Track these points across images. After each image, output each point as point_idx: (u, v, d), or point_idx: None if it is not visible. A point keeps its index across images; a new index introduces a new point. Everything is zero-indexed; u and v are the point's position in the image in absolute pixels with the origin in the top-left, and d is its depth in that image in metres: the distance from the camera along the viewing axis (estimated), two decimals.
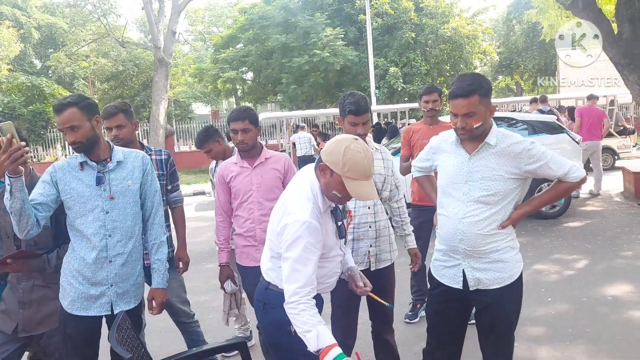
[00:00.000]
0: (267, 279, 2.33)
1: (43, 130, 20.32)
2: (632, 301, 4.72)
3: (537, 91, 31.36)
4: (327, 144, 2.22)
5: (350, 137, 2.17)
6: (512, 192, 2.50)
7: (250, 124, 3.19)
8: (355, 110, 2.91)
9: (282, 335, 2.25)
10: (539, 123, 8.31)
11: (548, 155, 2.47)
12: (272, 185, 3.23)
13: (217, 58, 25.79)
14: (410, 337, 4.23)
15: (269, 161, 3.28)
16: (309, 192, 2.21)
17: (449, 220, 2.58)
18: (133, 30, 42.61)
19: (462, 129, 2.45)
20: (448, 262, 2.64)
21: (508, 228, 2.53)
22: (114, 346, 2.08)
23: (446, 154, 2.65)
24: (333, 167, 2.11)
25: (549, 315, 4.50)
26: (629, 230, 7.22)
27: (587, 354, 3.76)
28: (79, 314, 2.59)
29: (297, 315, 2.05)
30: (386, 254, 3.13)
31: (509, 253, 2.54)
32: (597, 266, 5.79)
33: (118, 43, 28.37)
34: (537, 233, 7.33)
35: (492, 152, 2.48)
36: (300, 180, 2.31)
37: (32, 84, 21.02)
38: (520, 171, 2.47)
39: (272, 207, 2.96)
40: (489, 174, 2.47)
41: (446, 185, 2.61)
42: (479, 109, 2.40)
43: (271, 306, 2.25)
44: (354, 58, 22.96)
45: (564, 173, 2.48)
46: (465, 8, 26.67)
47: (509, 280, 2.54)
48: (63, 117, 2.52)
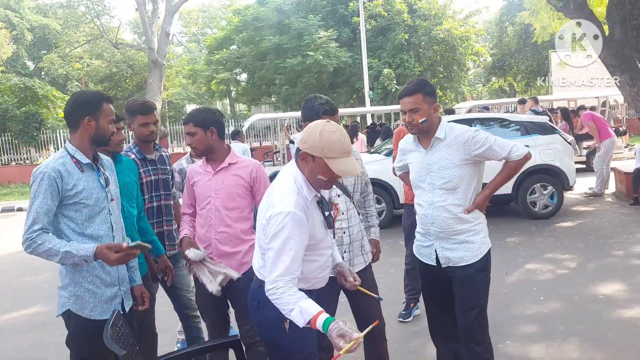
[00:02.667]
0: (260, 277, 2.34)
1: (36, 132, 20.19)
2: (624, 299, 4.76)
3: (530, 92, 31.52)
4: (301, 133, 2.28)
5: (322, 121, 2.28)
6: (467, 176, 2.84)
7: (196, 127, 2.96)
8: (330, 110, 2.95)
9: (277, 332, 2.27)
10: (531, 124, 8.37)
11: (491, 139, 2.82)
12: (233, 192, 2.98)
13: (211, 59, 25.77)
14: (403, 336, 4.25)
15: (233, 167, 3.02)
16: (292, 184, 2.25)
17: (421, 207, 2.98)
18: (127, 32, 42.51)
19: (409, 123, 2.84)
20: (424, 243, 3.02)
21: (474, 212, 2.87)
22: (109, 344, 2.08)
23: (410, 153, 3.04)
24: (313, 152, 2.19)
25: (541, 314, 4.53)
26: (621, 229, 7.28)
27: (579, 351, 3.79)
28: (102, 318, 2.51)
29: (279, 299, 2.12)
30: (359, 257, 3.11)
31: (476, 236, 2.88)
32: (589, 265, 5.83)
33: (112, 44, 28.28)
34: (530, 233, 7.37)
35: (443, 145, 2.85)
36: (284, 174, 2.35)
37: (25, 85, 20.87)
38: (470, 157, 2.81)
39: (232, 216, 2.95)
40: (444, 164, 2.83)
41: (415, 179, 3.00)
42: (422, 106, 2.79)
43: (265, 302, 2.26)
44: (347, 59, 22.98)
45: (507, 153, 2.83)
46: (458, 10, 26.76)
47: (474, 259, 2.87)
48: None
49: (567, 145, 8.31)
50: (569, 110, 13.15)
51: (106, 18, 33.52)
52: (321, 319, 2.06)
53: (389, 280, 5.46)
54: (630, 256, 6.04)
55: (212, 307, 3.12)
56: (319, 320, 2.06)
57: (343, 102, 24.63)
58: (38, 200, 2.36)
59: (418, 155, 2.95)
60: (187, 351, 2.78)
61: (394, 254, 6.41)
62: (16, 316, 5.42)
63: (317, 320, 2.06)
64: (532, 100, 11.42)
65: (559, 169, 8.15)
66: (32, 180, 2.40)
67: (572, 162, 8.42)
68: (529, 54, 30.27)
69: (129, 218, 2.95)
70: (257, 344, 3.06)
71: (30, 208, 2.37)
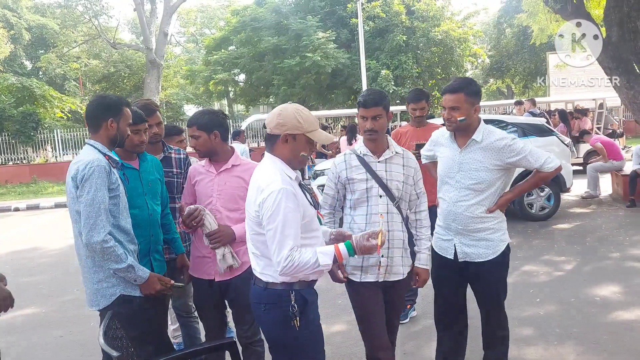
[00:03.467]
0: (265, 279, 2.33)
1: (33, 131, 20.17)
2: (620, 302, 4.76)
3: (528, 94, 31.56)
4: (269, 120, 2.35)
5: (287, 104, 2.39)
6: (496, 180, 2.94)
7: (199, 130, 2.98)
8: (363, 102, 2.84)
9: (287, 332, 2.27)
10: (528, 126, 8.38)
11: (527, 149, 2.91)
12: (234, 194, 2.98)
13: (209, 60, 25.72)
14: (400, 337, 4.22)
15: (236, 169, 3.03)
16: (273, 168, 2.31)
17: (444, 202, 3.06)
18: (125, 32, 42.45)
19: (447, 120, 2.91)
20: (444, 237, 3.11)
21: (496, 212, 2.97)
22: (102, 345, 2.07)
23: (443, 147, 3.11)
24: (294, 131, 2.30)
25: (537, 316, 4.54)
26: (617, 232, 7.29)
27: (575, 353, 3.79)
28: None
29: (297, 265, 2.16)
30: (398, 267, 2.88)
31: (495, 234, 2.99)
32: (585, 267, 5.84)
33: (109, 44, 28.22)
34: (527, 234, 7.38)
35: (478, 147, 2.92)
36: (261, 166, 2.40)
37: (22, 85, 20.83)
38: (503, 163, 2.91)
39: (232, 217, 2.95)
40: (476, 166, 2.91)
41: (443, 174, 3.07)
42: (463, 105, 2.86)
43: (272, 304, 2.27)
44: (345, 61, 22.98)
45: (541, 164, 2.93)
46: (456, 11, 26.77)
47: (492, 256, 2.99)
48: None
49: (564, 148, 8.32)
50: (566, 112, 13.18)
51: (104, 18, 33.46)
52: (342, 247, 2.23)
53: None
54: (627, 258, 6.04)
55: (211, 308, 3.12)
56: (340, 249, 2.22)
57: (341, 103, 24.65)
58: (100, 193, 2.48)
59: (451, 152, 3.02)
60: (182, 353, 2.77)
61: None
62: (12, 316, 5.40)
63: (340, 250, 2.22)
64: (530, 102, 11.45)
65: None
66: (81, 176, 2.48)
67: (570, 165, 8.44)
68: (526, 56, 30.29)
69: (152, 215, 3.00)
70: (255, 344, 3.07)
71: (93, 202, 2.45)
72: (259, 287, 2.37)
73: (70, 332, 4.88)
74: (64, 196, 15.48)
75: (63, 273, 6.96)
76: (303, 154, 2.35)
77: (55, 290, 6.29)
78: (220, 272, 2.95)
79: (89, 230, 2.43)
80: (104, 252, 2.45)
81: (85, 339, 4.63)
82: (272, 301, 2.27)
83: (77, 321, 5.15)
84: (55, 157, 21.18)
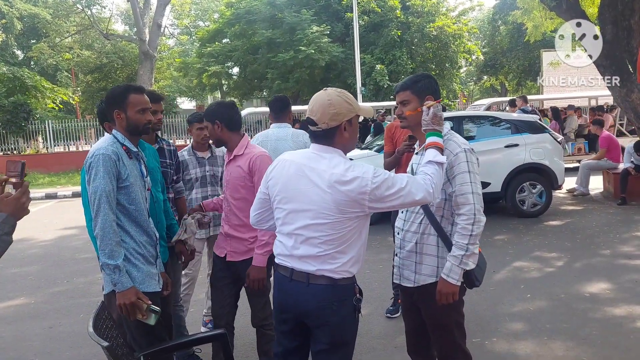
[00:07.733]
0: (335, 275, 2.13)
1: (24, 122, 19.98)
2: (609, 298, 4.79)
3: (521, 92, 31.62)
4: (320, 115, 2.15)
5: (324, 92, 2.20)
6: None
7: (206, 121, 3.14)
8: (393, 88, 2.80)
9: (352, 328, 2.22)
10: (521, 122, 8.40)
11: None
12: (236, 184, 3.05)
13: (203, 52, 25.64)
14: (390, 331, 4.26)
15: (238, 159, 3.07)
16: (343, 159, 2.18)
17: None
18: (118, 23, 42.19)
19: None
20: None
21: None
22: (92, 335, 2.06)
23: None
24: (350, 114, 2.18)
25: (528, 311, 4.56)
26: (608, 229, 7.33)
27: (565, 348, 3.82)
28: (156, 290, 2.67)
29: (432, 179, 2.17)
30: (409, 272, 2.57)
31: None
32: (575, 264, 5.87)
33: (102, 35, 28.04)
34: (518, 231, 7.40)
35: None
36: (325, 166, 2.14)
37: (13, 75, 20.64)
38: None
39: (239, 206, 3.05)
40: None
41: None
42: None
43: (343, 300, 2.16)
44: (339, 55, 22.96)
45: None
46: (451, 7, 26.82)
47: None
48: None
49: (556, 145, 8.36)
50: (559, 110, 13.23)
51: (97, 8, 33.21)
52: (431, 139, 2.33)
53: (377, 276, 5.47)
54: (617, 255, 6.08)
55: (223, 288, 3.19)
56: (433, 140, 2.33)
57: None
58: (103, 181, 2.47)
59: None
60: (171, 344, 2.76)
61: (383, 250, 6.42)
62: (1, 307, 5.37)
63: (435, 141, 2.32)
64: (521, 99, 11.48)
65: (549, 168, 8.20)
66: (89, 164, 2.51)
67: (562, 162, 8.48)
68: (520, 53, 30.41)
69: (157, 203, 3.06)
70: (267, 327, 3.15)
71: (96, 190, 2.46)
72: (327, 286, 2.13)
73: (60, 324, 4.85)
74: (54, 187, 15.41)
75: (53, 264, 6.91)
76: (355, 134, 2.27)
77: (45, 281, 6.24)
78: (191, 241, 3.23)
79: (94, 217, 2.47)
80: (101, 241, 2.44)
81: (75, 330, 4.60)
82: (342, 298, 2.15)
83: (67, 312, 5.12)
84: (47, 148, 20.98)
